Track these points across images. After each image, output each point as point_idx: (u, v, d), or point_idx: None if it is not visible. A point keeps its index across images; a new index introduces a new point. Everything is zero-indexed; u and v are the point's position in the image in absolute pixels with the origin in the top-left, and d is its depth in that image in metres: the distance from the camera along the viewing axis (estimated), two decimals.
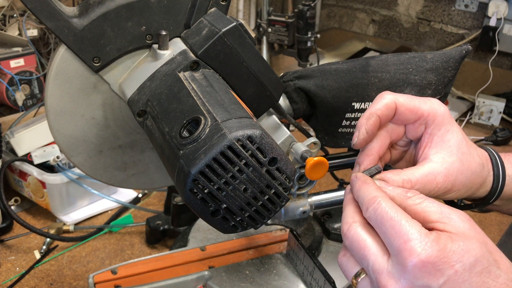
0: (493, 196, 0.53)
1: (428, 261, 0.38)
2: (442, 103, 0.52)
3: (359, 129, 0.50)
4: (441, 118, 0.51)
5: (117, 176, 0.63)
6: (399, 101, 0.51)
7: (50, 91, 0.54)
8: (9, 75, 1.37)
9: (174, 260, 0.73)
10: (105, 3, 0.52)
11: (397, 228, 0.40)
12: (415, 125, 0.52)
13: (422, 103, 0.51)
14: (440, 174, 0.49)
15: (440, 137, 0.51)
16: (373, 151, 0.52)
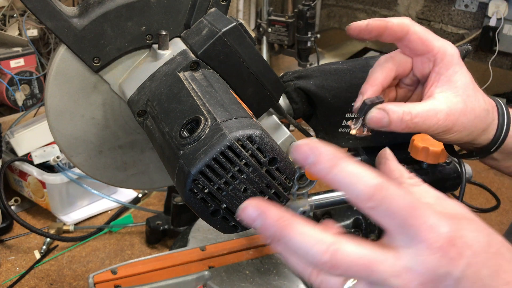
0: (494, 144, 0.52)
1: (450, 242, 0.32)
2: (454, 46, 0.51)
3: (362, 22, 0.49)
4: (450, 58, 0.50)
5: (117, 176, 0.63)
6: (413, 28, 0.49)
7: (50, 91, 0.54)
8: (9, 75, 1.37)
9: (174, 260, 0.73)
10: (105, 3, 0.52)
11: (415, 213, 0.33)
12: (423, 60, 0.51)
13: (435, 39, 0.50)
14: (442, 111, 0.48)
15: (447, 77, 0.50)
16: (377, 81, 0.51)
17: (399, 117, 0.47)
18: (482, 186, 1.20)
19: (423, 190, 0.38)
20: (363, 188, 0.33)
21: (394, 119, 0.48)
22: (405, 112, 0.47)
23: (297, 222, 0.33)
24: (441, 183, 0.71)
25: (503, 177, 1.25)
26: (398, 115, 0.47)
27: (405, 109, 0.47)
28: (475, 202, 1.14)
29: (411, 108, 0.47)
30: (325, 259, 0.32)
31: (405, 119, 0.47)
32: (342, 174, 0.33)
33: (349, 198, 0.34)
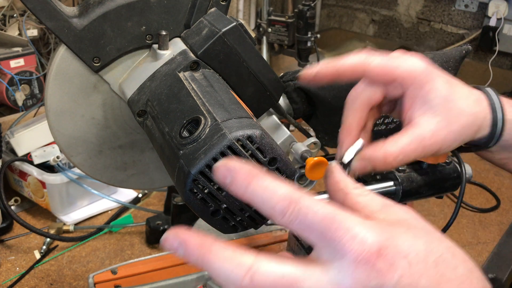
0: (491, 141, 0.50)
1: (379, 252, 0.30)
2: (422, 60, 0.47)
3: (314, 66, 0.48)
4: (420, 77, 0.47)
5: (117, 176, 0.63)
6: (372, 63, 0.47)
7: (50, 91, 0.54)
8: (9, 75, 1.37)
9: (174, 260, 0.73)
10: (105, 3, 0.52)
11: (332, 226, 0.31)
12: (394, 86, 0.48)
13: (397, 66, 0.47)
14: (425, 138, 0.46)
15: (422, 98, 0.47)
16: (352, 127, 0.49)
17: (382, 161, 0.46)
18: (482, 186, 1.20)
19: (369, 199, 0.36)
20: (277, 201, 0.32)
21: (378, 164, 0.46)
22: (386, 154, 0.45)
23: (217, 247, 0.32)
24: (441, 183, 0.71)
25: (503, 177, 1.25)
26: (380, 160, 0.45)
27: (386, 150, 0.46)
28: (475, 202, 1.14)
29: (391, 147, 0.46)
30: (245, 283, 0.31)
31: (388, 160, 0.46)
32: (257, 190, 0.32)
33: (266, 214, 0.33)
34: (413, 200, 0.75)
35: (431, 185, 0.71)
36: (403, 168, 0.70)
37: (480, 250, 0.98)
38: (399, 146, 0.46)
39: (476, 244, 0.99)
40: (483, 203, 1.14)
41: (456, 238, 1.01)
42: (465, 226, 1.05)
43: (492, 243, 1.00)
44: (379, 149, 0.46)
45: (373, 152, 0.46)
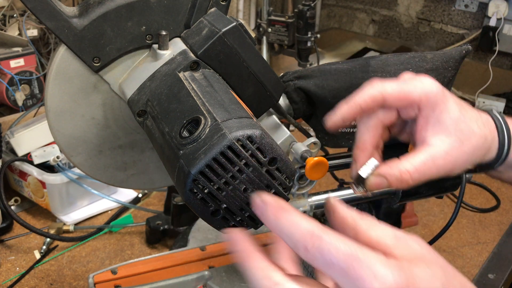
0: (496, 162, 0.52)
1: None
2: (435, 81, 0.49)
3: (335, 112, 0.49)
4: (434, 98, 0.49)
5: (117, 176, 0.63)
6: (387, 92, 0.48)
7: (50, 91, 0.54)
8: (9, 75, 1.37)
9: (174, 260, 0.73)
10: (105, 3, 0.52)
11: (355, 264, 0.32)
12: (408, 110, 0.50)
13: (412, 89, 0.48)
14: (439, 158, 0.47)
15: (435, 118, 0.49)
16: (366, 144, 0.51)
17: (398, 178, 0.47)
18: (482, 186, 1.20)
19: (380, 233, 0.36)
20: (300, 236, 0.34)
21: (393, 181, 0.47)
22: (402, 172, 0.47)
23: (256, 256, 0.36)
24: (441, 183, 0.71)
25: None
26: (396, 177, 0.47)
27: (402, 167, 0.47)
28: (475, 202, 1.14)
29: (407, 166, 0.47)
30: None
31: (405, 178, 0.47)
32: (284, 224, 0.35)
33: (292, 248, 0.35)
34: (413, 200, 0.75)
35: (431, 185, 0.71)
36: None
37: (480, 250, 0.98)
38: (414, 164, 0.47)
39: (476, 244, 0.99)
40: (483, 203, 1.14)
41: (456, 238, 1.01)
42: (465, 226, 1.05)
43: (492, 243, 1.00)
44: (394, 167, 0.47)
45: (389, 170, 0.47)
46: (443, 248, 0.97)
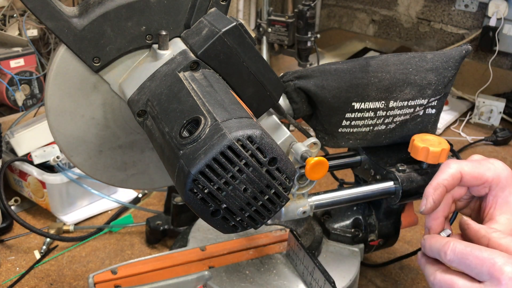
0: None
1: None
2: (506, 166, 0.57)
3: (426, 198, 0.56)
4: (504, 181, 0.56)
5: (117, 176, 0.63)
6: (464, 170, 0.56)
7: (50, 91, 0.54)
8: (9, 75, 1.37)
9: (174, 260, 0.73)
10: (105, 3, 0.52)
11: (481, 256, 0.46)
12: (479, 188, 0.57)
13: (486, 170, 0.56)
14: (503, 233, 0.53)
15: (504, 199, 0.56)
16: (439, 214, 0.58)
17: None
18: None
19: (508, 241, 0.49)
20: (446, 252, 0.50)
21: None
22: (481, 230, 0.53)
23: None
24: None
25: None
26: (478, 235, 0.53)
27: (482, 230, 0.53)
28: None
29: (487, 230, 0.52)
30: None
31: (482, 242, 0.52)
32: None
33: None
34: (413, 200, 0.75)
35: None
36: (403, 168, 0.70)
37: None
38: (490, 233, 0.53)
39: None
40: None
41: None
42: None
43: None
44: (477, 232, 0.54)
45: (473, 225, 0.54)
46: None
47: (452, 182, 0.56)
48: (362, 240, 0.77)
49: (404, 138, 0.73)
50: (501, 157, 1.36)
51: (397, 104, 0.69)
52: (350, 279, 0.71)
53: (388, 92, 0.67)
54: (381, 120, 0.70)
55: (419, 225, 1.04)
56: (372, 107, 0.68)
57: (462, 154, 1.35)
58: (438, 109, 0.74)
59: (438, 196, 0.56)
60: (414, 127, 0.73)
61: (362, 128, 0.70)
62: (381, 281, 0.87)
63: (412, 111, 0.71)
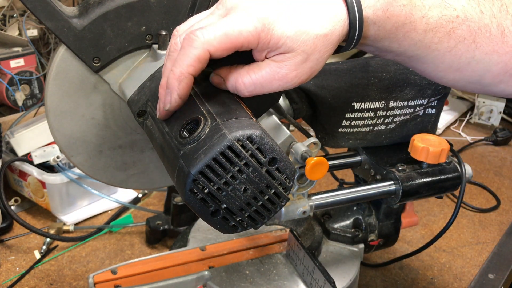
0: (349, 46, 0.50)
1: None
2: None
3: (171, 93, 0.46)
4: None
5: (117, 176, 0.63)
6: (213, 47, 0.44)
7: (50, 91, 0.54)
8: (9, 75, 1.37)
9: (174, 260, 0.73)
10: (105, 3, 0.52)
11: None
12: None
13: (238, 34, 0.45)
14: (281, 73, 0.46)
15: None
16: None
17: (233, 86, 0.47)
18: (482, 186, 1.20)
19: None
20: None
21: (229, 87, 0.48)
22: (238, 82, 0.47)
23: None
24: (441, 183, 0.71)
25: (503, 177, 1.25)
26: (232, 84, 0.47)
27: (240, 79, 0.47)
28: (475, 202, 1.14)
29: (247, 79, 0.47)
30: None
31: (239, 88, 0.47)
32: None
33: None
34: (413, 200, 0.75)
35: (431, 185, 0.71)
36: (403, 168, 0.70)
37: (480, 250, 0.98)
38: (252, 79, 0.47)
39: (476, 244, 0.99)
40: (483, 203, 1.14)
41: (456, 238, 1.01)
42: (465, 226, 1.05)
43: (492, 243, 1.00)
44: (234, 73, 0.48)
45: (228, 74, 0.48)
46: (443, 248, 0.97)
47: (200, 66, 0.45)
48: (362, 240, 0.78)
49: (404, 138, 0.73)
50: (501, 157, 1.36)
51: (397, 104, 0.69)
52: (350, 279, 0.72)
53: (388, 92, 0.67)
54: (381, 120, 0.70)
55: (420, 225, 1.04)
56: (372, 107, 0.68)
57: (462, 154, 1.35)
58: (438, 109, 0.74)
59: (185, 88, 0.45)
60: (414, 127, 0.73)
61: (362, 128, 0.70)
62: (381, 281, 0.87)
63: (412, 111, 0.71)
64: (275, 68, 0.46)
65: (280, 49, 0.45)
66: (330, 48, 0.47)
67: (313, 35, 0.45)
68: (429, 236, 1.01)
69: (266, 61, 0.47)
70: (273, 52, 0.46)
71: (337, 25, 0.46)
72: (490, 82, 0.53)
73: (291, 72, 0.46)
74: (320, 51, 0.47)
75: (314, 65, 0.47)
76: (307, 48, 0.46)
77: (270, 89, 0.47)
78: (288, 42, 0.45)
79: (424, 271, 0.91)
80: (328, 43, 0.47)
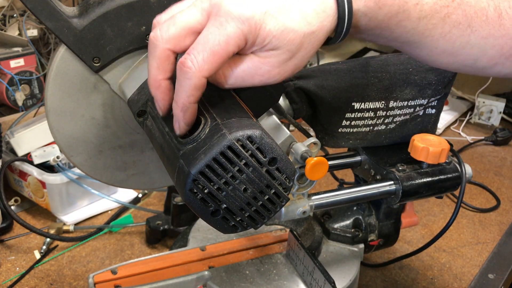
0: (337, 39, 0.48)
1: None
2: None
3: (178, 122, 0.46)
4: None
5: (117, 176, 0.63)
6: (211, 70, 0.43)
7: (50, 91, 0.54)
8: (9, 75, 1.37)
9: (174, 260, 0.73)
10: (105, 3, 0.52)
11: None
12: None
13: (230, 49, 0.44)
14: (263, 69, 0.46)
15: None
16: None
17: (213, 78, 0.46)
18: (482, 186, 1.20)
19: None
20: None
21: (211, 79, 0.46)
22: (218, 74, 0.46)
23: None
24: (441, 183, 0.71)
25: (503, 177, 1.25)
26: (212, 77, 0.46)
27: (220, 71, 0.46)
28: (475, 202, 1.14)
29: (228, 71, 0.46)
30: None
31: (219, 81, 0.46)
32: None
33: None
34: (413, 200, 0.75)
35: (431, 185, 0.71)
36: (403, 168, 0.70)
37: (480, 250, 0.98)
38: (234, 73, 0.46)
39: (476, 244, 0.99)
40: (483, 203, 1.14)
41: (456, 238, 1.01)
42: (465, 226, 1.05)
43: (492, 243, 1.00)
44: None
45: None
46: (443, 248, 0.97)
47: (200, 93, 0.44)
48: (362, 240, 0.78)
49: (404, 138, 0.73)
50: (501, 157, 1.36)
51: (397, 104, 0.69)
52: (350, 279, 0.72)
53: (388, 92, 0.67)
54: (381, 120, 0.70)
55: (420, 225, 1.04)
56: (372, 107, 0.68)
57: (462, 154, 1.35)
58: (438, 109, 0.74)
59: (190, 117, 0.45)
60: (414, 127, 0.73)
61: (362, 128, 0.70)
62: (381, 281, 0.87)
63: (412, 111, 0.71)
64: (258, 63, 0.45)
65: (265, 46, 0.44)
66: (317, 44, 0.46)
67: (300, 33, 0.44)
68: (429, 236, 1.01)
69: (250, 56, 0.45)
70: (258, 48, 0.45)
71: (325, 21, 0.45)
72: (485, 65, 0.52)
73: (274, 69, 0.46)
74: (306, 49, 0.46)
75: (298, 62, 0.47)
76: (293, 47, 0.45)
77: (251, 83, 0.47)
78: (274, 41, 0.44)
79: (424, 271, 0.91)
80: (315, 40, 0.46)
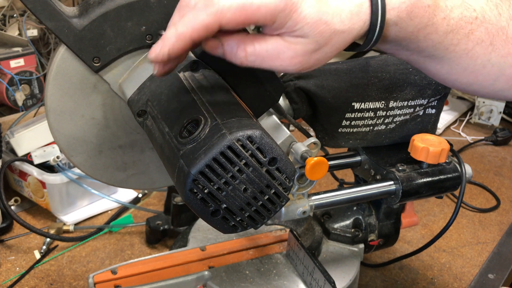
0: (368, 45, 0.48)
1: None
2: None
3: (162, 45, 0.43)
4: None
5: (117, 176, 0.63)
6: (225, 18, 0.42)
7: (50, 91, 0.54)
8: (9, 75, 1.37)
9: (174, 260, 0.73)
10: (105, 3, 0.52)
11: None
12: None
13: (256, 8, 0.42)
14: (287, 55, 0.45)
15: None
16: None
17: (233, 53, 0.45)
18: (482, 186, 1.20)
19: None
20: None
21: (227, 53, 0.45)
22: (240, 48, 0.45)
23: None
24: (441, 183, 0.71)
25: (503, 177, 1.25)
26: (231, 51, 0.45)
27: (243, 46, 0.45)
28: (475, 202, 1.14)
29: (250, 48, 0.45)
30: None
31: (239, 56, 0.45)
32: None
33: None
34: (413, 200, 0.75)
35: (431, 185, 0.71)
36: (403, 168, 0.70)
37: (480, 250, 0.98)
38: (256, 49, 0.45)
39: (476, 244, 0.99)
40: (483, 203, 1.14)
41: (456, 238, 1.01)
42: (465, 226, 1.05)
43: (492, 243, 1.00)
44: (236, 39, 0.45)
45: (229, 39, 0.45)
46: (443, 248, 0.97)
47: (205, 35, 0.42)
48: (362, 240, 0.78)
49: (404, 138, 0.73)
50: (501, 157, 1.36)
51: (397, 104, 0.69)
52: (350, 279, 0.72)
53: (388, 92, 0.67)
54: (381, 120, 0.70)
55: (420, 225, 1.04)
56: (372, 107, 0.68)
57: (462, 154, 1.35)
58: (438, 109, 0.74)
59: (178, 49, 0.43)
60: (414, 127, 0.73)
61: (362, 128, 0.70)
62: (381, 281, 0.87)
63: (412, 111, 0.71)
64: (283, 47, 0.44)
65: (295, 32, 0.43)
66: (344, 45, 0.46)
67: (332, 28, 0.43)
68: (429, 236, 1.01)
69: (276, 37, 0.44)
70: (286, 32, 0.43)
71: (356, 24, 0.45)
72: (503, 86, 0.52)
73: (298, 57, 0.44)
74: (333, 46, 0.45)
75: (321, 57, 0.46)
76: (322, 39, 0.44)
77: (269, 66, 0.45)
78: (306, 28, 0.43)
79: (424, 271, 0.91)
80: (343, 40, 0.45)
